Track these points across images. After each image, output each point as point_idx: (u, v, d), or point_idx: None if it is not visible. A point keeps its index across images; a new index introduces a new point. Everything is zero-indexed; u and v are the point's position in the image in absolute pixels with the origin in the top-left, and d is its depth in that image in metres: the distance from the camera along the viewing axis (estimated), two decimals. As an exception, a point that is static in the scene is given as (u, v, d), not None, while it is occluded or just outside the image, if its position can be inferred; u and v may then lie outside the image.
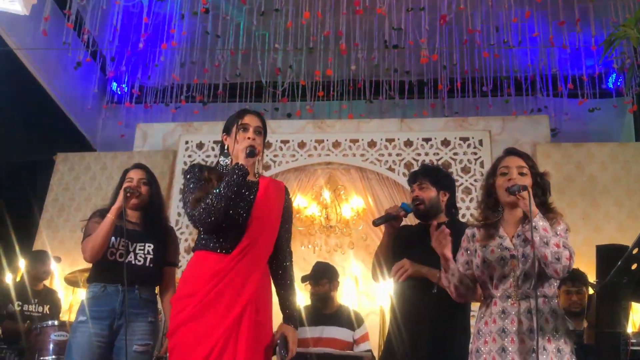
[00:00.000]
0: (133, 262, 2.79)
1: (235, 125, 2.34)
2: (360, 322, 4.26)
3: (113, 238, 2.75)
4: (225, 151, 2.36)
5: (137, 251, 2.82)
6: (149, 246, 2.86)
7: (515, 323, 2.28)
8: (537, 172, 2.44)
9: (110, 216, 2.72)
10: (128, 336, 2.68)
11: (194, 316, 2.09)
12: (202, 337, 2.06)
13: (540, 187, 2.42)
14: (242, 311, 2.10)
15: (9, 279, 4.75)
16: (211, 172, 2.29)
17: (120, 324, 2.71)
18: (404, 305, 2.82)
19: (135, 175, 2.97)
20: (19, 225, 5.70)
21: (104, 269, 2.77)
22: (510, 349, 2.25)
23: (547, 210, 2.40)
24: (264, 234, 2.22)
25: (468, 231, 2.54)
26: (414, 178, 2.98)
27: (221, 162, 2.35)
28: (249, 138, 2.27)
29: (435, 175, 2.98)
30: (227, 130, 2.39)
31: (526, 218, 2.36)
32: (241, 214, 2.22)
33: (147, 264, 2.84)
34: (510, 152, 2.50)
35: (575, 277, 3.89)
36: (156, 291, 3.00)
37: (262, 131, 2.37)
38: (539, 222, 2.25)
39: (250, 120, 2.34)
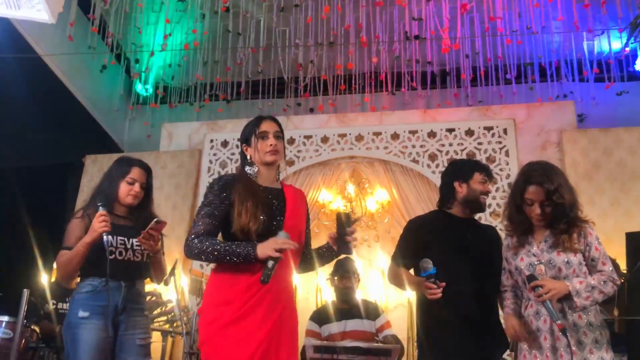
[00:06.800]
0: (132, 259, 2.80)
1: (254, 134, 2.36)
2: (379, 311, 4.48)
3: (110, 236, 2.68)
4: (249, 160, 2.36)
5: (134, 247, 2.80)
6: None
7: (547, 322, 2.42)
8: (556, 197, 2.46)
9: (82, 249, 2.66)
10: (130, 330, 2.73)
11: (234, 322, 2.11)
12: (243, 339, 2.09)
13: (559, 205, 2.46)
14: (280, 316, 2.16)
15: (44, 279, 4.89)
16: (237, 183, 2.28)
17: (122, 319, 2.73)
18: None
19: (138, 178, 2.87)
20: (52, 226, 5.84)
21: (104, 265, 2.65)
22: (544, 345, 2.41)
23: (572, 221, 2.48)
24: (295, 240, 2.20)
25: (504, 242, 2.70)
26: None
27: (249, 172, 2.35)
28: (270, 145, 2.31)
29: None
30: (246, 142, 2.39)
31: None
32: (274, 224, 2.24)
33: (144, 259, 2.85)
34: (535, 182, 2.49)
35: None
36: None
37: (280, 135, 2.38)
38: (578, 295, 2.36)
39: (267, 126, 2.36)
